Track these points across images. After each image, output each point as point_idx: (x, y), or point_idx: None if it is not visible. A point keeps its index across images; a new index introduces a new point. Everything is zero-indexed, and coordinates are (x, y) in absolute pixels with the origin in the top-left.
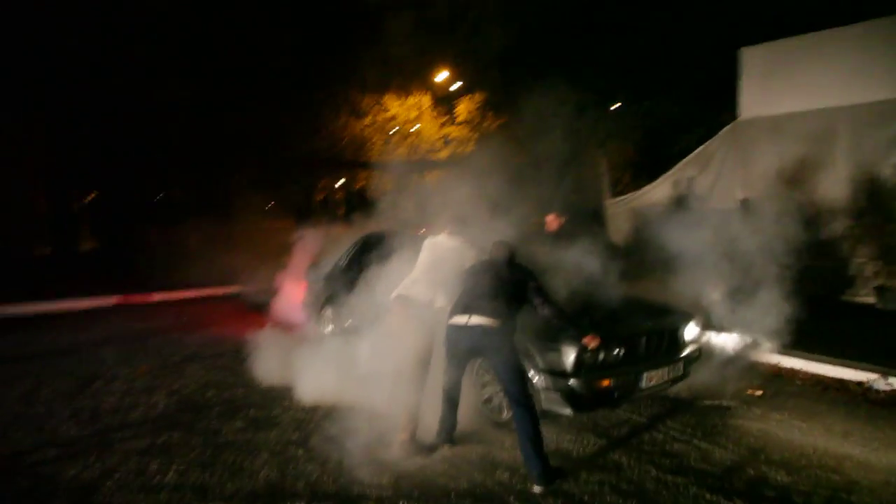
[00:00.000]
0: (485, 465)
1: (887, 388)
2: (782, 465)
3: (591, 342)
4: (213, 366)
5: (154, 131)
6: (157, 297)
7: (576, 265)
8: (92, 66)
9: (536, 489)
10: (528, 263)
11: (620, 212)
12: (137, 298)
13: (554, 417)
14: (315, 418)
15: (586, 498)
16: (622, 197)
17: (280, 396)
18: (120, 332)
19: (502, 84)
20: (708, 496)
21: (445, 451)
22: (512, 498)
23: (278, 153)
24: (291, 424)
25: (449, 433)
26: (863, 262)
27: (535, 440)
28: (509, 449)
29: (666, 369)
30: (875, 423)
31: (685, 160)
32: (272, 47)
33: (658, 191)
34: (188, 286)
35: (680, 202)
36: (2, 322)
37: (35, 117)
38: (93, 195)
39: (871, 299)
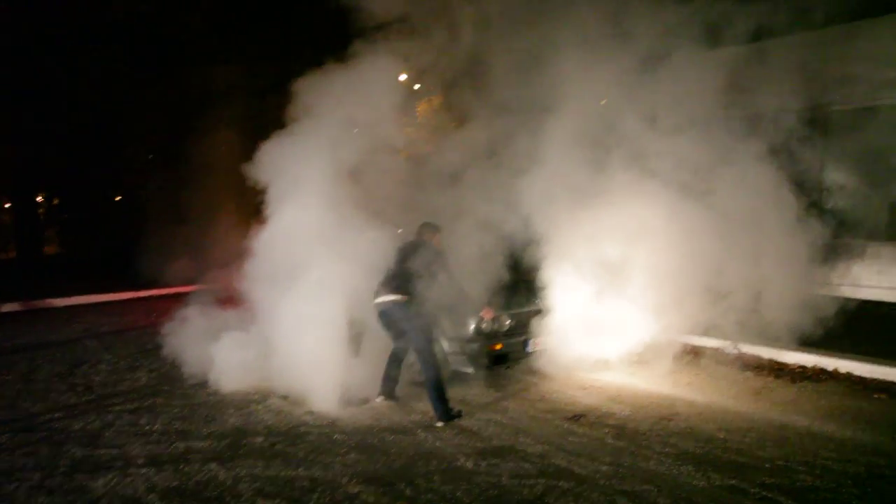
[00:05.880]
0: (403, 410)
1: (735, 352)
2: (628, 405)
3: (487, 314)
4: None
5: (117, 136)
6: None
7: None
8: (57, 71)
9: (438, 424)
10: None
11: None
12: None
13: (463, 377)
14: (270, 385)
15: (475, 429)
16: None
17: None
18: (97, 328)
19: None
20: (566, 426)
21: (374, 402)
22: (420, 430)
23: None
24: (251, 390)
25: (391, 388)
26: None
27: (437, 388)
28: (424, 400)
29: (546, 337)
30: (714, 377)
31: None
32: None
33: None
34: (150, 286)
35: None
36: None
37: None
38: (56, 200)
39: None
